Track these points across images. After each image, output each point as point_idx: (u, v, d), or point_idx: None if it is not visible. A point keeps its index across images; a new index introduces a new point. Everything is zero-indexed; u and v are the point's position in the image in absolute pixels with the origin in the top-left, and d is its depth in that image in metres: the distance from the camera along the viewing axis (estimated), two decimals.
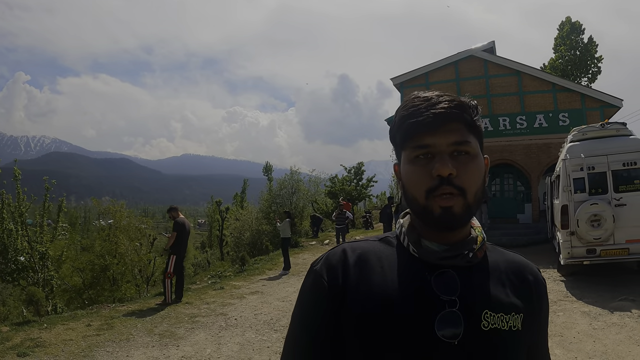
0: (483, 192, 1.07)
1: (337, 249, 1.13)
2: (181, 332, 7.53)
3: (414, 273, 1.04)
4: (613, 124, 9.83)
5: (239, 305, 9.46)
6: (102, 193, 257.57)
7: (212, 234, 52.66)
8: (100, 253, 18.16)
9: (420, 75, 21.16)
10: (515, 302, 1.06)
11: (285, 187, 32.05)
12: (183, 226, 9.92)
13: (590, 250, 9.12)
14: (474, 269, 1.07)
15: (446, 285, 1.02)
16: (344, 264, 1.08)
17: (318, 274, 1.09)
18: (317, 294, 1.08)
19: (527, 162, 19.21)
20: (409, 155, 1.05)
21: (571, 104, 18.68)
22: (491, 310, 1.02)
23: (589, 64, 31.47)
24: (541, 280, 1.16)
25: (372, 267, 1.07)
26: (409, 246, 1.09)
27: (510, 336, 1.02)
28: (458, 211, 1.00)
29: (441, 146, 1.01)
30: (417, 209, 1.05)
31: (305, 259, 16.54)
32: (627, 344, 5.96)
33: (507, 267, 1.12)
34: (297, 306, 1.13)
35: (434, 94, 1.05)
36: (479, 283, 1.05)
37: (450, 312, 0.98)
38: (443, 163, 0.99)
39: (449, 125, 1.02)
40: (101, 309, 9.65)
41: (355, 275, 1.06)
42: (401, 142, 1.08)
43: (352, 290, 1.04)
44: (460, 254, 1.05)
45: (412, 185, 1.04)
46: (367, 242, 1.15)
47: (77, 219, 60.81)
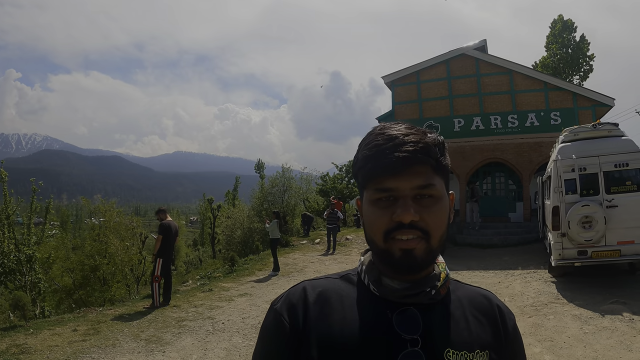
0: (447, 233, 1.05)
1: (298, 287, 1.10)
2: (168, 337, 7.40)
3: (375, 312, 1.03)
4: (605, 125, 9.76)
5: (227, 308, 9.34)
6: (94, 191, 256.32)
7: (204, 232, 52.55)
8: (90, 253, 17.96)
9: (411, 74, 21.08)
10: (480, 339, 1.04)
11: (277, 185, 32.00)
12: (169, 229, 9.77)
13: (582, 252, 9.06)
14: (437, 306, 1.05)
15: (408, 324, 1.00)
16: (304, 303, 1.06)
17: (278, 313, 1.07)
18: (278, 335, 1.05)
19: (519, 161, 19.19)
20: (371, 196, 1.02)
21: (563, 103, 18.68)
22: (453, 349, 1.00)
23: (580, 62, 31.51)
24: (507, 314, 1.12)
25: (332, 306, 1.05)
26: (370, 285, 1.06)
27: None
28: (419, 254, 0.99)
29: (404, 190, 0.98)
30: (377, 250, 1.03)
31: (296, 258, 16.42)
32: (618, 349, 5.89)
33: (470, 302, 1.10)
34: (258, 345, 1.10)
35: (400, 131, 1.01)
36: (442, 320, 1.03)
37: (412, 352, 0.97)
38: (405, 208, 0.97)
39: (414, 168, 0.98)
40: (88, 312, 9.49)
41: (315, 315, 1.04)
42: (363, 181, 1.05)
43: (311, 331, 1.02)
44: (422, 291, 1.02)
45: (371, 227, 1.02)
46: (329, 279, 1.13)
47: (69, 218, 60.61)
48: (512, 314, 1.14)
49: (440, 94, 20.57)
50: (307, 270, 13.97)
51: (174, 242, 9.95)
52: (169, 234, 9.73)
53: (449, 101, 20.38)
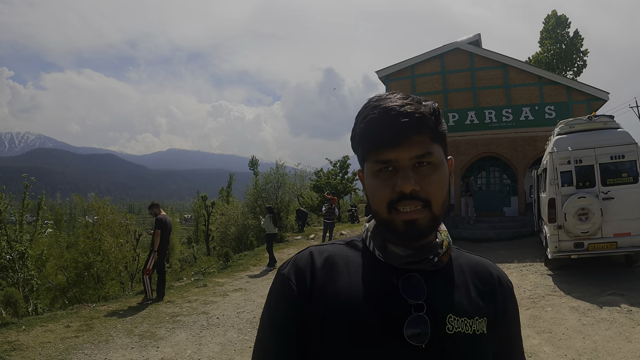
0: (449, 199, 1.07)
1: (305, 252, 1.11)
2: (161, 333, 7.30)
3: (380, 277, 1.04)
4: (600, 117, 9.72)
5: (221, 303, 9.24)
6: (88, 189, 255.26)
7: (198, 229, 52.46)
8: (84, 250, 17.86)
9: (405, 68, 21.00)
10: (479, 306, 1.06)
11: (270, 182, 32.00)
12: (165, 224, 9.66)
13: (578, 244, 9.03)
14: (439, 273, 1.07)
15: (413, 290, 1.01)
16: (311, 267, 1.07)
17: (286, 277, 1.07)
18: (286, 298, 1.06)
19: (513, 155, 19.18)
20: (372, 168, 1.04)
21: (557, 97, 18.65)
22: (455, 315, 1.02)
23: (574, 57, 31.55)
24: (506, 283, 1.15)
25: (339, 271, 1.06)
26: (375, 250, 1.08)
27: (473, 340, 1.02)
28: (423, 223, 1.00)
29: (403, 161, 1.00)
30: (381, 221, 1.05)
31: (290, 254, 16.31)
32: (617, 340, 5.85)
33: (471, 270, 1.13)
34: (266, 310, 1.10)
35: (395, 102, 1.01)
36: (444, 287, 1.05)
37: (418, 317, 0.98)
38: (405, 178, 0.98)
39: (411, 138, 0.99)
40: (81, 309, 9.38)
41: (322, 279, 1.05)
42: (362, 155, 1.07)
43: (319, 294, 1.03)
44: (426, 258, 1.04)
45: (374, 199, 1.04)
46: (334, 245, 1.14)
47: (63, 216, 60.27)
48: (510, 283, 1.16)
49: (435, 88, 20.50)
50: None
51: (168, 237, 9.86)
52: (165, 229, 9.64)
53: (443, 95, 20.31)
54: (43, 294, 17.49)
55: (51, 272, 18.14)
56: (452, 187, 19.89)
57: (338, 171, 35.61)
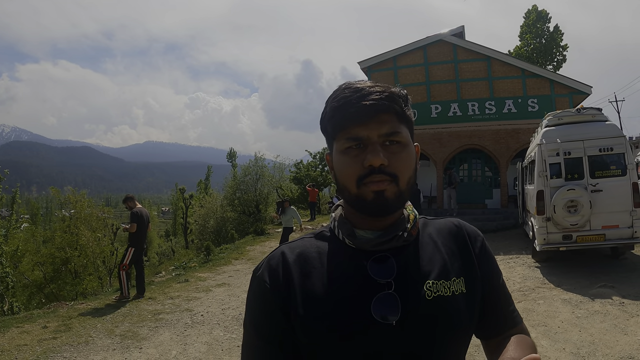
0: (415, 178, 1.10)
1: (277, 252, 1.13)
2: (144, 332, 6.97)
3: (352, 263, 1.06)
4: (589, 110, 9.67)
5: (205, 299, 8.94)
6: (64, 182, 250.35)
7: (176, 222, 51.94)
8: (61, 245, 17.45)
9: (388, 59, 20.85)
10: (454, 266, 1.09)
11: (249, 174, 31.82)
12: (141, 217, 9.22)
13: (567, 236, 8.97)
14: (411, 246, 1.09)
15: (383, 269, 1.03)
16: (284, 265, 1.08)
17: (260, 279, 1.09)
18: (263, 299, 1.07)
19: (496, 147, 19.21)
20: (341, 146, 1.06)
21: (540, 90, 18.71)
22: (432, 279, 1.05)
23: (554, 52, 31.81)
24: (475, 236, 1.17)
25: (312, 264, 1.08)
26: (344, 239, 1.09)
27: (454, 300, 1.04)
28: (390, 196, 1.02)
29: (373, 137, 1.02)
30: (350, 197, 1.06)
31: (272, 246, 16.07)
32: (614, 333, 5.76)
33: (439, 234, 1.15)
34: (247, 314, 1.11)
35: (366, 84, 1.06)
36: (417, 258, 1.08)
37: (386, 294, 1.00)
38: (375, 153, 1.00)
39: (380, 116, 1.03)
40: (59, 307, 8.95)
41: (297, 274, 1.06)
42: (332, 132, 1.08)
43: (296, 290, 1.04)
44: (395, 235, 1.06)
45: (343, 175, 1.05)
46: (304, 240, 1.16)
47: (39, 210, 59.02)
48: (480, 235, 1.19)
49: (417, 80, 20.39)
50: None
51: (146, 230, 9.39)
52: (142, 222, 9.24)
53: (426, 87, 20.22)
54: (19, 291, 17.04)
55: (27, 268, 17.68)
56: (435, 181, 19.82)
57: (318, 163, 35.45)
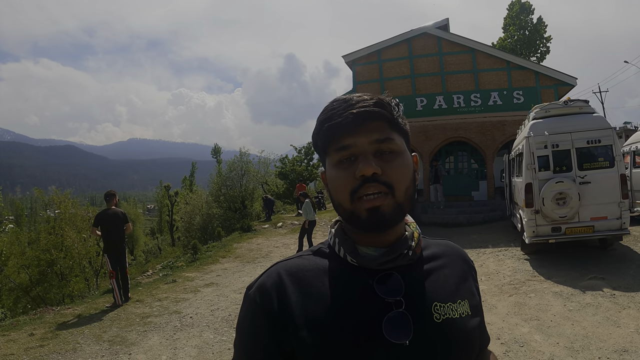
0: (414, 189, 1.05)
1: (272, 272, 1.05)
2: (133, 337, 6.79)
3: (356, 282, 1.01)
4: (576, 102, 9.67)
5: (193, 300, 8.78)
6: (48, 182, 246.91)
7: (162, 220, 51.55)
8: (46, 247, 17.14)
9: (372, 53, 20.75)
10: (459, 289, 1.07)
11: (234, 169, 31.67)
12: (103, 220, 8.75)
13: (556, 229, 8.98)
14: (415, 265, 1.06)
15: (390, 288, 0.99)
16: (279, 287, 1.01)
17: (252, 300, 1.03)
18: (254, 324, 1.01)
19: (482, 139, 19.23)
20: (333, 159, 1.02)
21: (525, 82, 18.76)
22: (440, 302, 1.01)
23: (537, 44, 31.99)
24: (470, 262, 1.18)
25: (312, 284, 1.02)
26: (346, 256, 1.04)
27: (463, 323, 1.02)
28: (387, 211, 0.97)
29: (363, 146, 0.98)
30: (344, 214, 1.01)
31: (260, 244, 15.96)
32: (607, 326, 5.74)
33: (443, 255, 1.12)
34: (238, 335, 1.06)
35: (354, 95, 1.03)
36: (423, 278, 1.04)
37: (397, 313, 0.96)
38: (366, 163, 0.96)
39: (370, 124, 0.99)
40: (45, 313, 8.69)
41: (295, 297, 1.00)
42: (323, 146, 1.04)
43: (294, 314, 0.97)
44: (400, 254, 1.02)
45: (336, 190, 1.01)
46: (302, 258, 1.08)
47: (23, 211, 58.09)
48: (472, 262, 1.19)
49: (402, 73, 20.34)
50: (272, 255, 13.52)
51: (114, 232, 8.80)
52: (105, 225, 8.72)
53: (411, 80, 20.17)
54: (5, 295, 16.73)
55: (13, 272, 17.32)
56: (422, 174, 19.79)
57: (303, 157, 35.33)
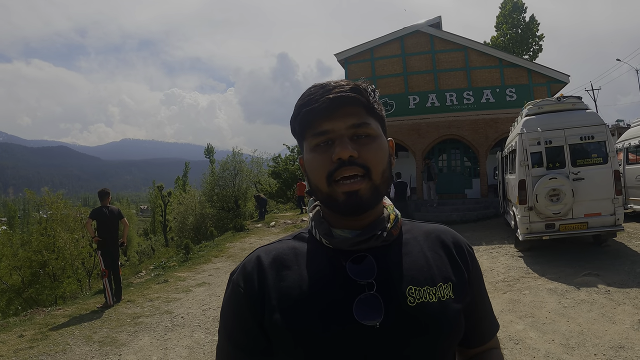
0: (390, 172, 1.06)
1: (252, 256, 1.09)
2: (123, 338, 6.68)
3: (330, 264, 1.02)
4: (569, 98, 9.64)
5: (185, 300, 8.68)
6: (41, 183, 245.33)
7: (155, 220, 51.33)
8: (38, 248, 16.99)
9: (365, 51, 20.71)
10: (442, 272, 1.05)
11: (227, 169, 31.58)
12: (98, 215, 8.67)
13: (549, 225, 8.95)
14: (392, 247, 1.05)
15: (362, 270, 0.99)
16: (259, 269, 1.04)
17: (235, 283, 1.06)
18: (236, 305, 1.04)
19: (475, 137, 19.22)
20: (310, 143, 1.03)
21: (518, 80, 18.76)
22: (415, 285, 1.00)
23: (530, 42, 32.06)
24: (463, 244, 1.13)
25: (288, 267, 1.04)
26: (321, 239, 1.06)
27: (440, 307, 0.99)
28: (364, 194, 0.98)
29: (339, 130, 0.99)
30: (322, 197, 1.02)
31: (252, 243, 15.85)
32: (602, 322, 5.69)
33: (426, 238, 1.11)
34: (221, 319, 1.08)
35: (331, 81, 1.04)
36: (398, 261, 1.03)
37: (368, 295, 0.96)
38: (343, 146, 0.97)
39: (346, 109, 1.00)
40: (35, 314, 8.57)
41: (272, 279, 1.02)
42: (300, 131, 1.05)
43: (271, 295, 1.00)
44: (374, 235, 1.02)
45: (313, 173, 1.02)
46: (281, 242, 1.12)
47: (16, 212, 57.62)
48: (470, 247, 1.15)
49: (395, 71, 20.30)
50: None
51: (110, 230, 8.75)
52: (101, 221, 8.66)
53: (403, 78, 20.13)
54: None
55: (5, 273, 17.15)
56: (415, 172, 19.76)
57: (296, 156, 35.21)
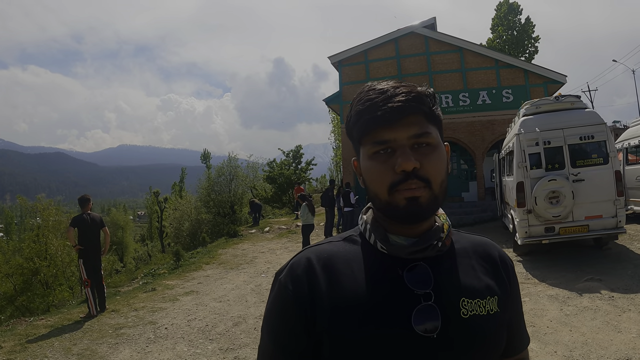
0: (447, 181, 1.02)
1: (302, 257, 1.04)
2: (103, 350, 6.34)
3: (385, 270, 0.99)
4: (567, 97, 9.35)
5: (171, 310, 8.33)
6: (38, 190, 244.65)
7: (152, 226, 51.11)
8: (29, 256, 16.70)
9: (359, 53, 20.47)
10: (489, 285, 1.03)
11: (223, 174, 31.37)
12: (79, 223, 8.37)
13: (549, 229, 8.64)
14: (444, 257, 1.03)
15: (419, 279, 0.97)
16: (309, 272, 1.00)
17: (283, 285, 1.01)
18: (283, 308, 1.00)
19: (471, 139, 18.95)
20: (368, 151, 0.99)
21: (514, 80, 18.51)
22: (468, 297, 0.99)
23: (526, 44, 31.95)
24: (507, 259, 1.12)
25: (341, 271, 1.00)
26: (377, 243, 1.02)
27: (489, 320, 0.99)
28: (424, 202, 0.96)
29: (401, 140, 0.96)
30: (381, 205, 0.99)
31: (245, 249, 15.50)
32: (607, 331, 5.37)
33: (474, 250, 1.09)
34: (266, 319, 1.05)
35: (390, 84, 1.00)
36: (452, 271, 1.02)
37: (426, 306, 0.94)
38: (406, 158, 0.94)
39: (408, 118, 0.96)
40: (17, 324, 8.27)
41: (324, 282, 0.99)
42: (359, 137, 1.02)
43: (323, 299, 0.97)
44: (430, 245, 0.99)
45: (373, 182, 0.99)
46: (332, 244, 1.07)
47: (13, 219, 57.10)
48: (511, 261, 1.13)
49: (389, 73, 20.03)
50: (257, 261, 13.07)
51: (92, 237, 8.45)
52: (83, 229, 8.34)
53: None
54: None
55: None
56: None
57: (291, 161, 34.92)
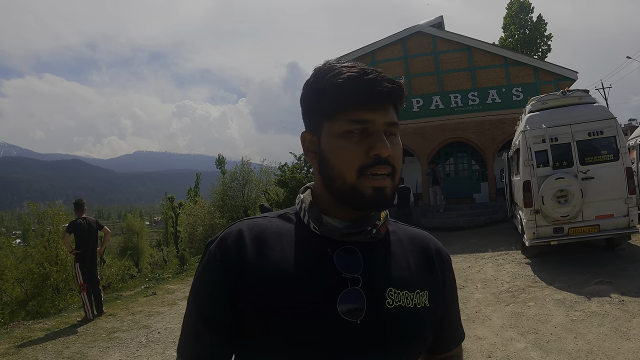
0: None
1: (233, 229, 1.02)
2: (93, 354, 6.25)
3: (315, 250, 0.99)
4: (575, 92, 9.00)
5: (167, 314, 8.19)
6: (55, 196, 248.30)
7: (167, 231, 51.45)
8: (39, 261, 16.85)
9: (366, 54, 20.21)
10: (420, 279, 1.04)
11: (236, 179, 31.44)
12: (76, 228, 8.32)
13: (558, 229, 8.29)
14: (378, 245, 1.03)
15: (349, 263, 0.97)
16: (238, 243, 0.99)
17: (212, 254, 1.00)
18: (210, 277, 0.98)
19: (481, 139, 18.57)
20: (339, 127, 0.96)
21: (524, 78, 18.10)
22: (395, 288, 0.99)
23: (538, 42, 31.44)
24: (445, 256, 1.13)
25: (270, 245, 0.99)
26: (310, 223, 1.02)
27: (415, 313, 0.99)
28: (388, 192, 0.96)
29: (379, 124, 0.95)
30: (344, 187, 0.96)
31: None
32: (614, 339, 5.05)
33: (410, 243, 1.09)
34: (192, 290, 1.03)
35: (366, 66, 0.97)
36: (383, 260, 1.02)
37: (353, 290, 0.94)
38: (384, 143, 0.94)
39: (388, 104, 0.97)
40: (15, 328, 8.35)
41: (252, 254, 0.97)
42: (329, 110, 0.97)
43: (248, 270, 0.96)
44: (364, 230, 1.00)
45: (341, 162, 0.96)
46: (266, 218, 1.07)
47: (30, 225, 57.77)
48: (448, 256, 1.14)
49: (397, 74, 19.68)
50: None
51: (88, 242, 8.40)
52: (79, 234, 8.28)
53: (406, 81, 19.55)
54: (1, 308, 16.46)
55: (9, 285, 17.08)
56: (420, 177, 19.16)
57: (303, 165, 34.79)
